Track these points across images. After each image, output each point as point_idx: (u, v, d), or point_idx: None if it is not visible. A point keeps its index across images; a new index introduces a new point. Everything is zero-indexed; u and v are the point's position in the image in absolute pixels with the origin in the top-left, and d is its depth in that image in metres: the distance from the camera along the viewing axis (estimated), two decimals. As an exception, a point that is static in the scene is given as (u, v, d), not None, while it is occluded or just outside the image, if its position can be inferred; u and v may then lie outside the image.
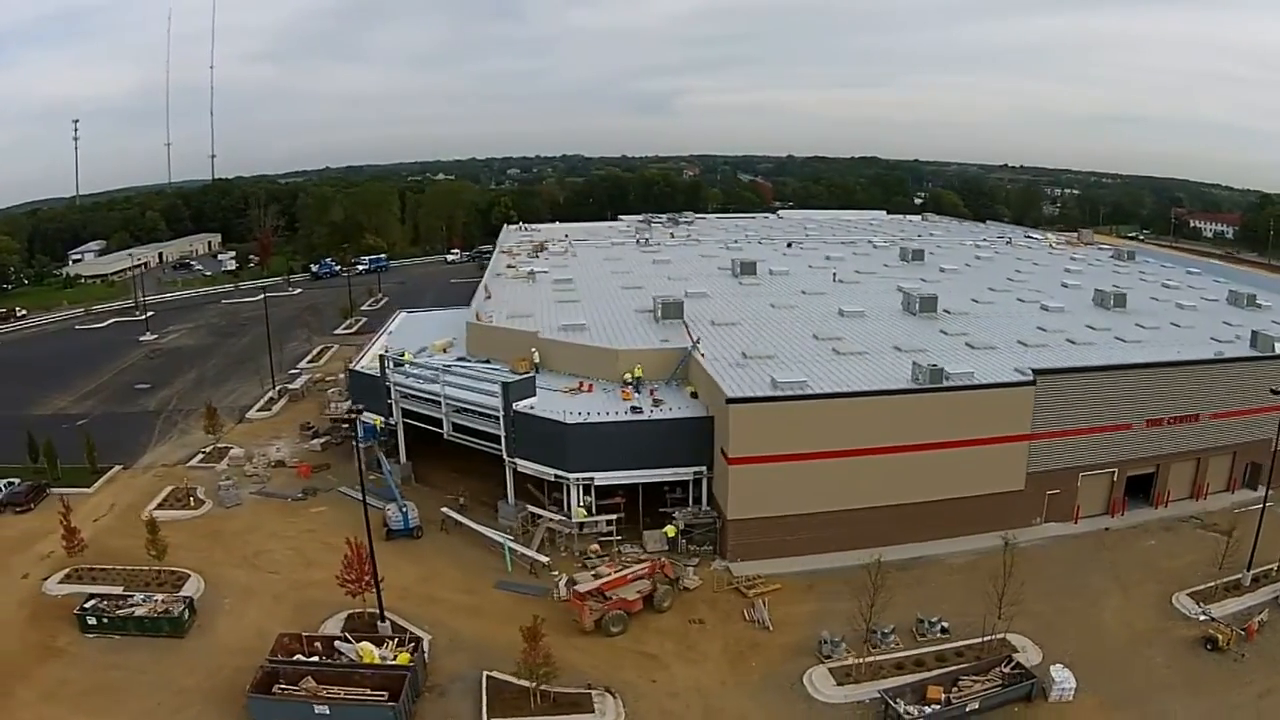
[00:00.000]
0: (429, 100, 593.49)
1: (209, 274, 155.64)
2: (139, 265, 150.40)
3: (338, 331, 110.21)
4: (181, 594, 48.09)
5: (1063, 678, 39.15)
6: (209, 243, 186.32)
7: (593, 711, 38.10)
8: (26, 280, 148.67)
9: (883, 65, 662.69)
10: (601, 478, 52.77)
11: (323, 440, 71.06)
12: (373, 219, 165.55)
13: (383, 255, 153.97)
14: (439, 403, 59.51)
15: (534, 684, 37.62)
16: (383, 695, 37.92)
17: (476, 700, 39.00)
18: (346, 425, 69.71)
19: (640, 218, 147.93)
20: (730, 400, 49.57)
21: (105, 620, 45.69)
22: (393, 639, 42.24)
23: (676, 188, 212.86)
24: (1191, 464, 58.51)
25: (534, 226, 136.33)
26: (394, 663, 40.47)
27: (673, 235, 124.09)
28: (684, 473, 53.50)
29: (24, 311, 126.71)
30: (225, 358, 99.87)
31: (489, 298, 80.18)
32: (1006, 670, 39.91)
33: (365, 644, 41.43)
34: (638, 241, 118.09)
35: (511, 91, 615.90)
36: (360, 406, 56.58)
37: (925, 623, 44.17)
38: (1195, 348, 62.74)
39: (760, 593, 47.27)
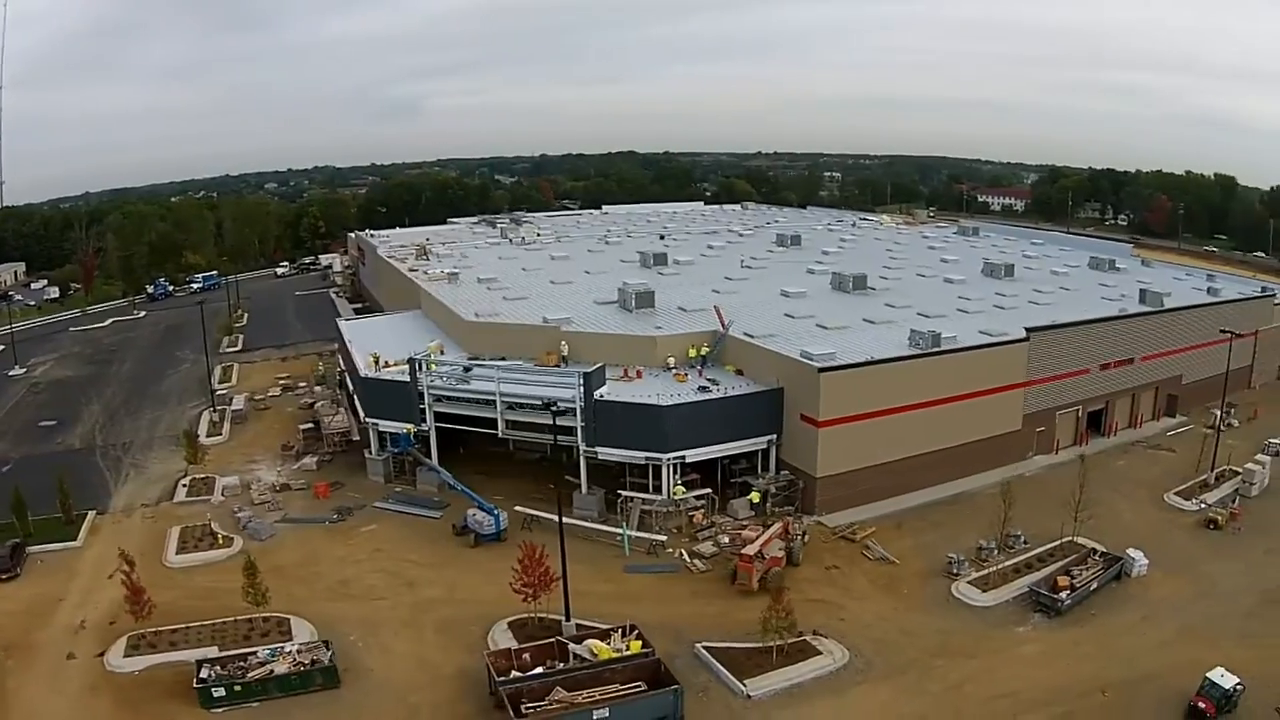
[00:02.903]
0: (183, 119, 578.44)
1: (32, 304, 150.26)
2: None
3: (227, 350, 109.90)
4: (316, 639, 46.29)
5: (1138, 556, 53.35)
6: (15, 272, 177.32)
7: (820, 653, 45.41)
8: None
9: (629, 59, 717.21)
10: (692, 455, 60.88)
11: (317, 458, 72.39)
12: (190, 237, 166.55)
13: (214, 273, 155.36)
14: (490, 402, 63.68)
15: (781, 639, 44.16)
16: (639, 685, 40.91)
17: (710, 670, 44.17)
18: (345, 441, 73.31)
19: (475, 219, 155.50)
20: (822, 369, 59.65)
21: (238, 688, 41.88)
22: (617, 631, 44.86)
23: (469, 191, 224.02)
24: (1129, 399, 76.38)
25: (381, 234, 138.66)
26: (631, 653, 43.05)
27: (539, 234, 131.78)
28: (760, 442, 62.79)
29: None
30: (120, 386, 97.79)
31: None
32: (1098, 559, 53.65)
33: (593, 641, 43.87)
34: (510, 241, 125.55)
35: (261, 105, 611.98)
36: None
37: (1011, 537, 56.89)
38: (1098, 305, 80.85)
39: (866, 536, 58.03)
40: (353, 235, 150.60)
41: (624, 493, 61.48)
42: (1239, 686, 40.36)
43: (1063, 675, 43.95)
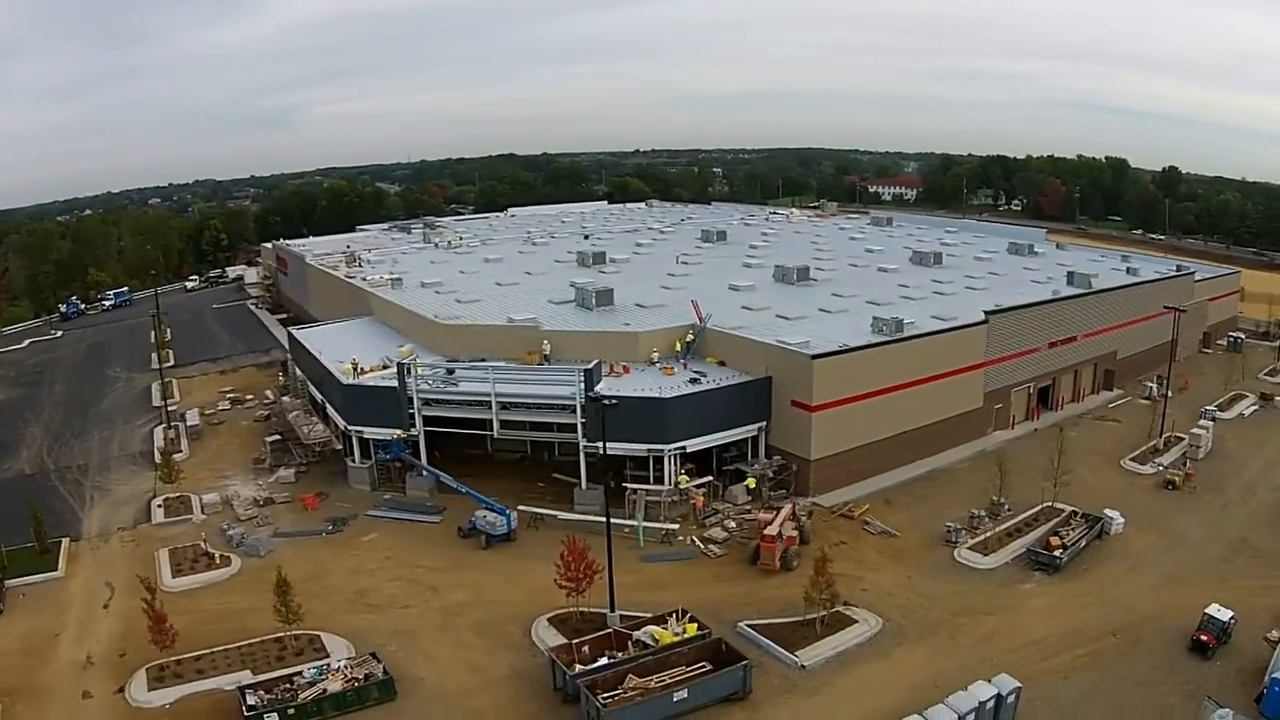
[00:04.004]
0: (62, 137, 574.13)
1: None
2: None
3: (164, 366, 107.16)
4: (361, 654, 46.19)
5: (1115, 516, 59.59)
6: None
7: (856, 621, 49.53)
8: None
9: (504, 63, 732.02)
10: (692, 445, 64.02)
11: (295, 470, 72.21)
12: (95, 254, 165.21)
13: (125, 289, 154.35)
14: (482, 404, 65.29)
15: (823, 611, 47.81)
16: (703, 665, 43.44)
17: (757, 646, 47.07)
18: (323, 450, 74.01)
19: (386, 226, 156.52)
20: (815, 357, 63.89)
21: (291, 711, 41.53)
22: (671, 616, 47.30)
23: (364, 199, 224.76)
24: (1072, 375, 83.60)
25: (296, 243, 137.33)
26: (690, 635, 45.74)
27: (460, 238, 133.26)
28: (751, 429, 66.62)
29: None
30: (57, 408, 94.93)
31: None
32: (1080, 519, 59.55)
33: (653, 628, 46.22)
34: (437, 246, 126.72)
35: (138, 120, 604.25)
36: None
37: (997, 504, 62.31)
38: (1030, 288, 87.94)
39: (863, 513, 62.65)
40: (269, 245, 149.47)
41: (629, 485, 64.04)
42: (1233, 619, 46.29)
43: (1074, 623, 49.21)
